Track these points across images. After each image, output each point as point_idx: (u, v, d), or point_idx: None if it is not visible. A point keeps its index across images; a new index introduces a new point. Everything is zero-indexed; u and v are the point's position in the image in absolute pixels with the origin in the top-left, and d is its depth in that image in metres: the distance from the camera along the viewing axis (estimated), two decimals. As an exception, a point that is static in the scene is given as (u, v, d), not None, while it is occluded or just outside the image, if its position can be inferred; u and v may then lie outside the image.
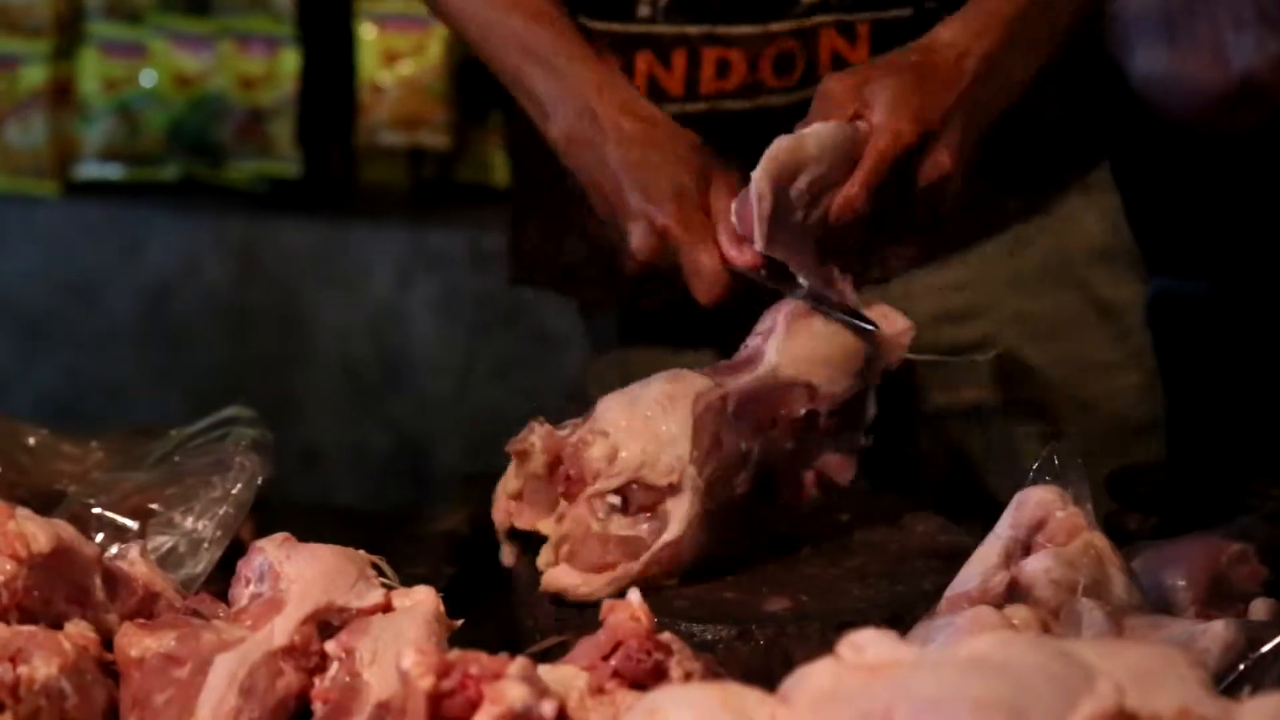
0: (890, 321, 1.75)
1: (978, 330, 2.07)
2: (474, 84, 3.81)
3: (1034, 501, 1.56)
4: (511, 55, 1.90)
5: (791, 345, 1.72)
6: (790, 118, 1.82)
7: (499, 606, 1.75)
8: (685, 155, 1.81)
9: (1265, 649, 1.37)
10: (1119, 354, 2.12)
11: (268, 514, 1.81)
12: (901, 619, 1.58)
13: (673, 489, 1.66)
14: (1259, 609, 1.52)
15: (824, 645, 1.27)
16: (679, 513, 1.66)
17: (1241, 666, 1.36)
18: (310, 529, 1.56)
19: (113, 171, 3.84)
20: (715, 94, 1.97)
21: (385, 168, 3.83)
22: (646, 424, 1.68)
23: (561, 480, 1.69)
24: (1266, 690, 1.31)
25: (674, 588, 1.67)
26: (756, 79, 1.96)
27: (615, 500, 1.67)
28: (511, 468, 1.74)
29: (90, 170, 3.85)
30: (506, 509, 1.74)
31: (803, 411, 1.72)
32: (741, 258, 1.72)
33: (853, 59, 1.94)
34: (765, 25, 1.94)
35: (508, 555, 1.75)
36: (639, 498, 1.67)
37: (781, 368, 1.71)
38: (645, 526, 1.66)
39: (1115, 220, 2.14)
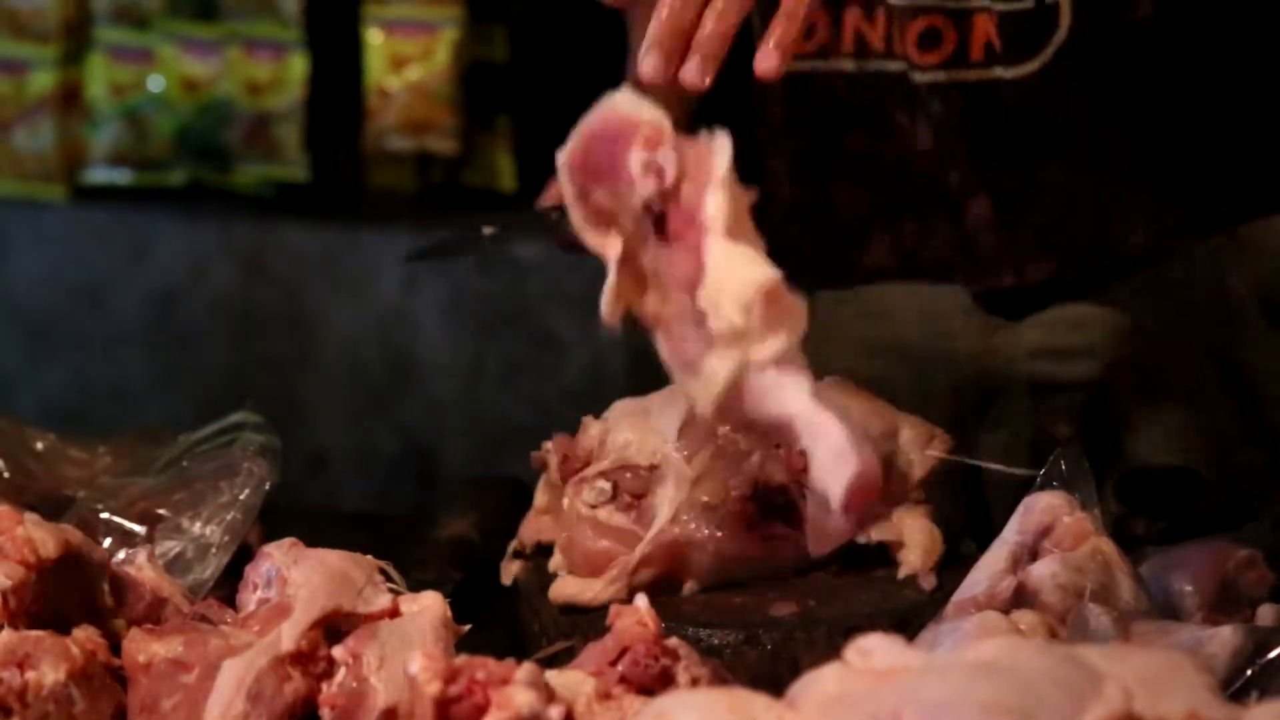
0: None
1: (1081, 370, 2.01)
2: (482, 89, 3.81)
3: (1041, 506, 1.57)
4: None
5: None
6: (934, 95, 1.89)
7: (506, 611, 1.75)
8: None
9: (1273, 654, 1.37)
10: (1248, 427, 2.00)
11: (275, 519, 1.81)
12: (909, 624, 1.58)
13: (656, 473, 1.66)
14: (1266, 615, 1.52)
15: (831, 650, 1.28)
16: (665, 497, 1.65)
17: (1249, 672, 1.36)
18: (318, 534, 1.56)
19: (120, 176, 3.84)
20: (898, 55, 1.94)
21: (393, 172, 3.83)
22: (644, 415, 1.70)
23: (561, 469, 1.70)
24: (1274, 696, 1.31)
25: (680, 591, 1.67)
26: (905, 51, 1.93)
27: (604, 485, 1.67)
28: (540, 483, 1.75)
29: (98, 175, 3.85)
30: (536, 526, 1.75)
31: None
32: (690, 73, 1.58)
33: (999, 49, 1.90)
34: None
35: (507, 573, 1.76)
36: (628, 484, 1.67)
37: None
38: (634, 514, 1.66)
39: (1269, 282, 2.01)
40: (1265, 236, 1.98)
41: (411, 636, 1.39)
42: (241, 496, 1.74)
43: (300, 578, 1.45)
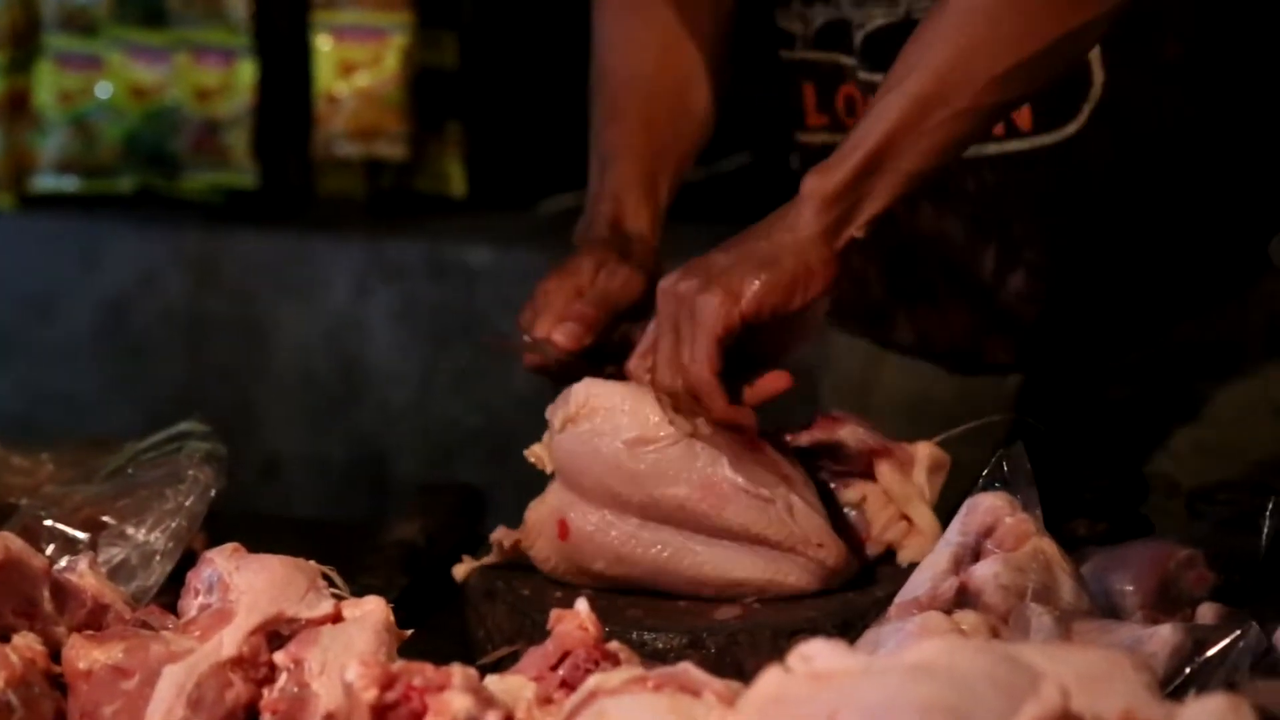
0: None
1: (1130, 393, 2.01)
2: (431, 95, 3.81)
3: (983, 508, 1.57)
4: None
5: None
6: (966, 171, 1.90)
7: (452, 617, 1.75)
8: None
9: (1211, 652, 1.37)
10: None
11: (223, 525, 1.80)
12: (853, 625, 1.59)
13: None
14: (1206, 613, 1.53)
15: (775, 653, 1.28)
16: None
17: (1188, 670, 1.37)
18: (266, 540, 1.55)
19: (69, 184, 3.83)
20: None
21: (342, 178, 3.83)
22: None
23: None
24: (1212, 693, 1.32)
25: (625, 596, 1.68)
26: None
27: None
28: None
29: (46, 182, 3.84)
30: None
31: None
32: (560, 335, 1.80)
33: (1018, 121, 1.90)
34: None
35: (461, 570, 1.76)
36: None
37: None
38: None
39: None
40: None
41: (354, 642, 1.39)
42: (186, 503, 1.74)
43: (242, 583, 1.45)
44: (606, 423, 1.67)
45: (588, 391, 1.68)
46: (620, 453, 1.66)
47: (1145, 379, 1.99)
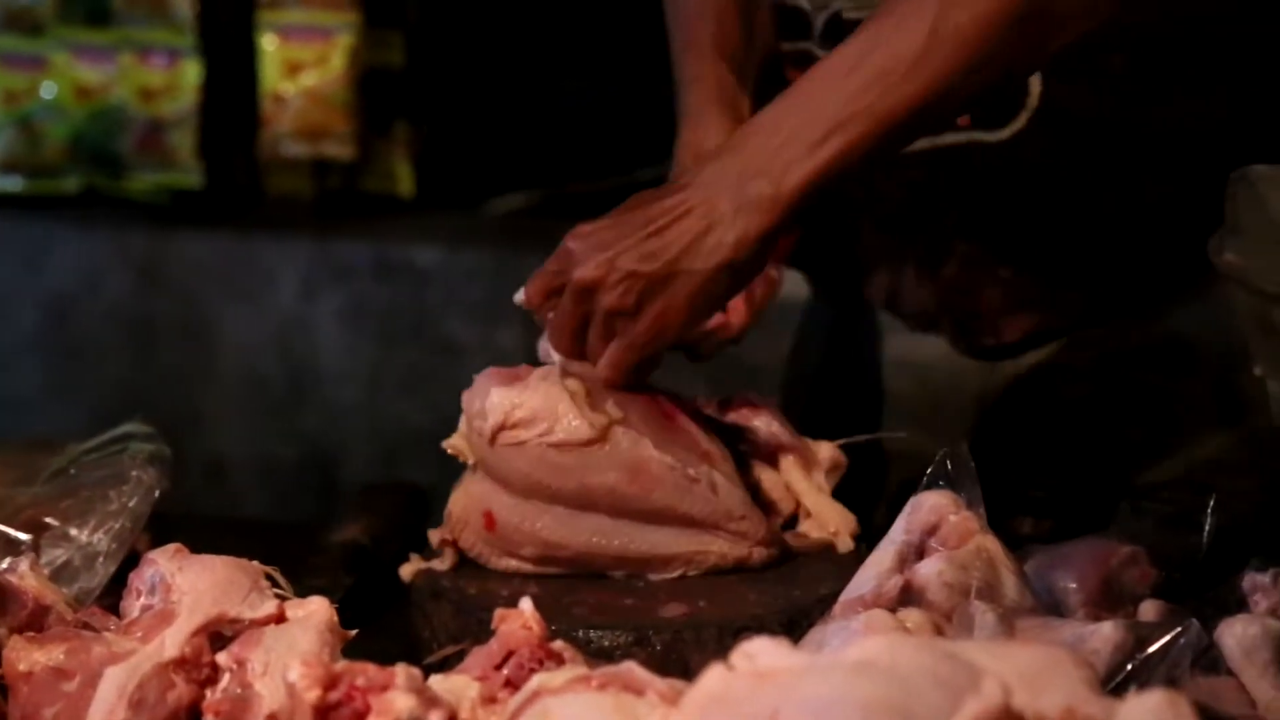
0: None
1: (1085, 391, 2.01)
2: (379, 95, 3.80)
3: (927, 506, 1.57)
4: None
5: None
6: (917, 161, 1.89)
7: (398, 617, 1.74)
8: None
9: (1152, 649, 1.38)
10: (1241, 455, 1.98)
11: (168, 526, 1.80)
12: (798, 624, 1.60)
13: None
14: (1148, 610, 1.54)
15: (721, 650, 1.28)
16: None
17: (1130, 666, 1.38)
18: (211, 540, 1.55)
19: (13, 184, 3.81)
20: None
21: (289, 178, 3.82)
22: None
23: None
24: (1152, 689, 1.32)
25: (571, 594, 1.68)
26: None
27: None
28: None
29: (-10, 182, 3.82)
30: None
31: None
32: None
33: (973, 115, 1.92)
34: None
35: (408, 570, 1.76)
36: None
37: None
38: None
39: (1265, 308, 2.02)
40: None
41: (297, 642, 1.38)
42: (130, 504, 1.73)
43: (185, 584, 1.44)
44: (529, 430, 1.69)
45: (508, 403, 1.70)
46: (547, 453, 1.69)
47: (1095, 378, 2.00)
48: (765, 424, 1.81)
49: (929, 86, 1.65)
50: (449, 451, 1.75)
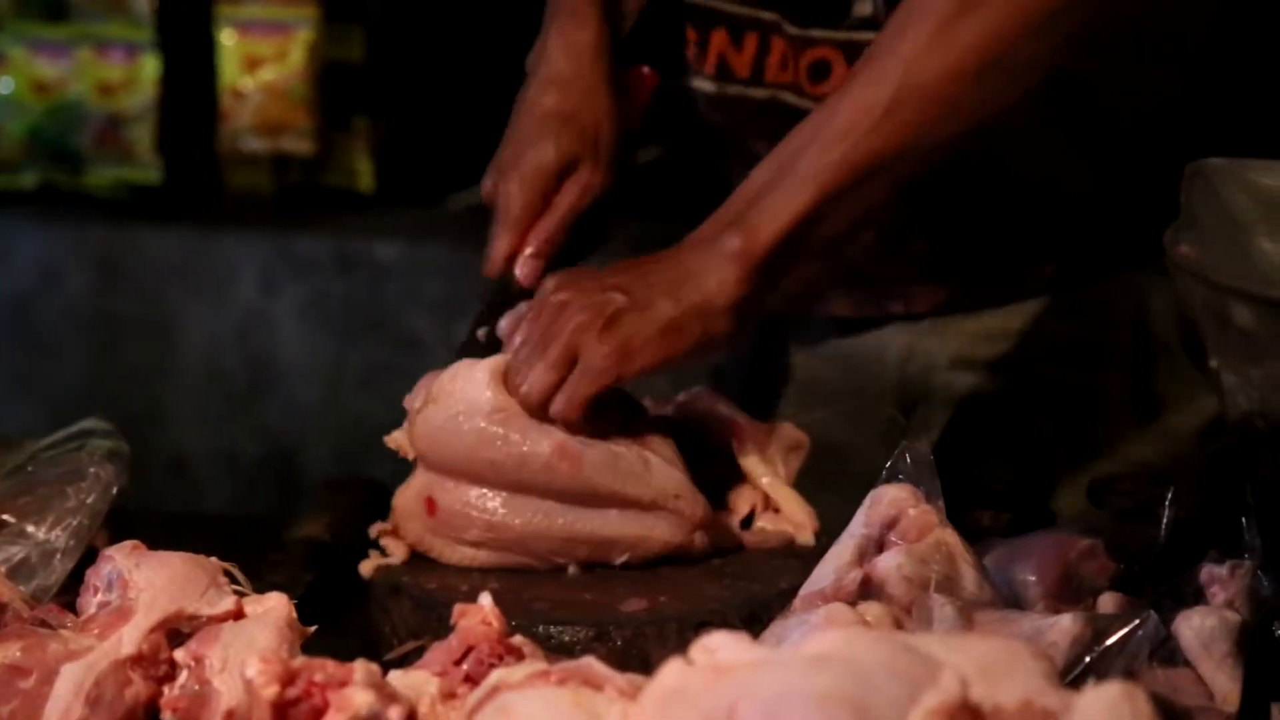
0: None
1: (1002, 384, 2.02)
2: (338, 89, 3.79)
3: (887, 500, 1.58)
4: None
5: None
6: None
7: (358, 613, 1.74)
8: (568, 134, 1.88)
9: (1110, 641, 1.39)
10: (1151, 450, 1.99)
11: (127, 523, 1.79)
12: (758, 618, 1.60)
13: None
14: (1107, 603, 1.54)
15: (681, 645, 1.28)
16: None
17: (1088, 659, 1.38)
18: (171, 537, 1.54)
19: (-30, 181, 3.79)
20: (776, 84, 1.95)
21: (249, 174, 3.81)
22: None
23: None
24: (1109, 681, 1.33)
25: (531, 589, 1.68)
26: (797, 80, 1.93)
27: None
28: None
29: (-53, 179, 3.80)
30: None
31: None
32: (522, 272, 1.86)
33: None
34: (805, 30, 1.91)
35: (368, 566, 1.76)
36: None
37: None
38: None
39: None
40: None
41: (255, 638, 1.38)
42: (88, 501, 1.72)
43: (142, 580, 1.44)
44: (462, 400, 1.70)
45: (446, 376, 1.72)
46: (480, 427, 1.70)
47: (1009, 373, 2.00)
48: (720, 411, 1.81)
49: (897, 139, 1.67)
50: (389, 445, 1.76)
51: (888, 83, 1.67)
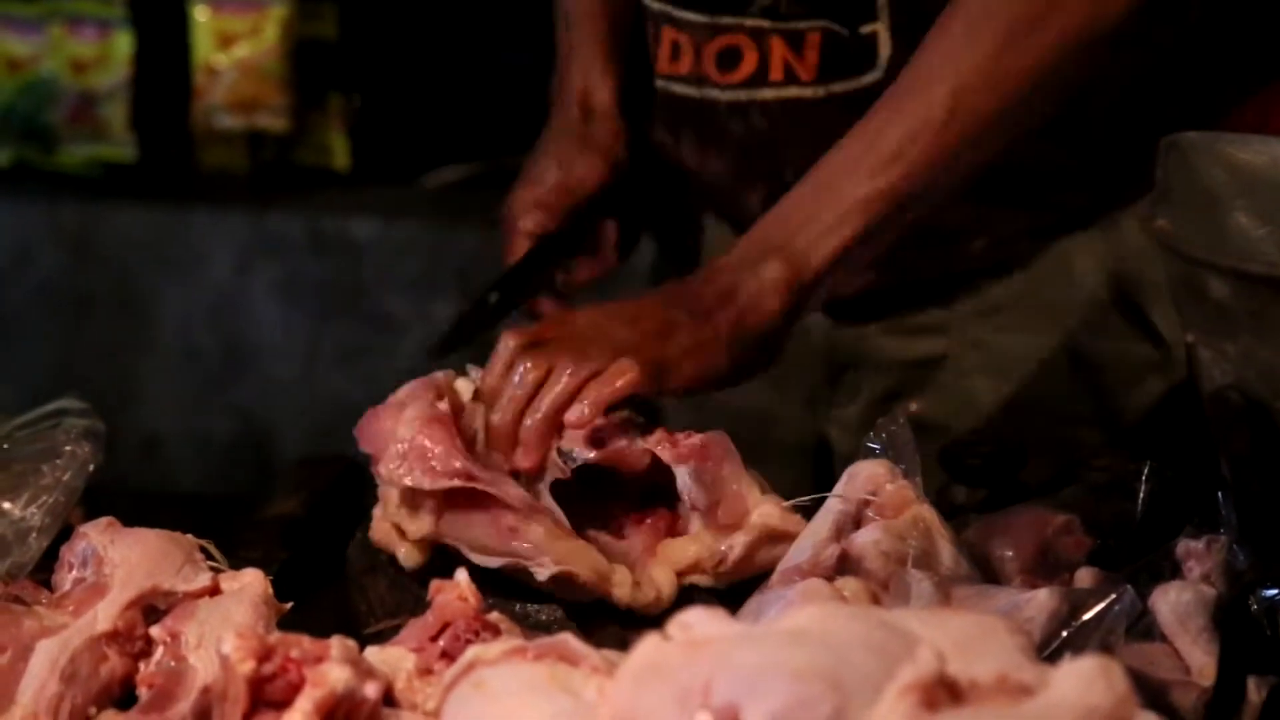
0: None
1: (935, 348, 2.02)
2: (312, 66, 3.78)
3: (864, 475, 1.58)
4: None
5: None
6: (734, 114, 1.89)
7: (334, 591, 1.74)
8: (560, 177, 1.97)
9: (1087, 616, 1.39)
10: (1086, 408, 2.00)
11: (102, 501, 1.78)
12: (735, 593, 1.59)
13: None
14: (1084, 578, 1.54)
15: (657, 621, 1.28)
16: None
17: (1065, 633, 1.39)
18: (146, 515, 1.54)
19: (-57, 158, 3.78)
20: (668, 75, 1.96)
21: (223, 151, 3.80)
22: None
23: None
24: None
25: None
26: (701, 70, 1.93)
27: None
28: None
29: (-81, 157, 3.78)
30: None
31: None
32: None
33: (800, 70, 1.89)
34: (713, 18, 1.90)
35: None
36: None
37: None
38: None
39: (1115, 269, 1.98)
40: (1115, 230, 1.97)
41: (231, 614, 1.38)
42: (64, 479, 1.72)
43: (117, 557, 1.44)
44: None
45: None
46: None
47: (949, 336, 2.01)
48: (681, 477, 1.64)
49: (945, 163, 1.67)
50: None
51: (938, 107, 1.66)
